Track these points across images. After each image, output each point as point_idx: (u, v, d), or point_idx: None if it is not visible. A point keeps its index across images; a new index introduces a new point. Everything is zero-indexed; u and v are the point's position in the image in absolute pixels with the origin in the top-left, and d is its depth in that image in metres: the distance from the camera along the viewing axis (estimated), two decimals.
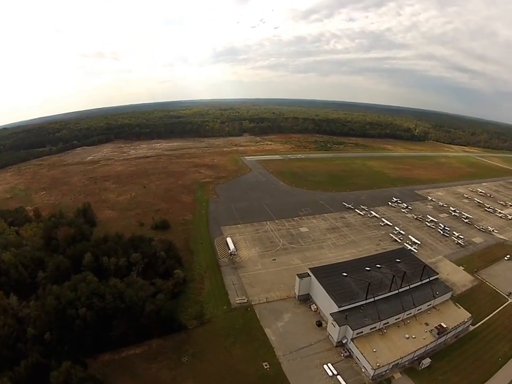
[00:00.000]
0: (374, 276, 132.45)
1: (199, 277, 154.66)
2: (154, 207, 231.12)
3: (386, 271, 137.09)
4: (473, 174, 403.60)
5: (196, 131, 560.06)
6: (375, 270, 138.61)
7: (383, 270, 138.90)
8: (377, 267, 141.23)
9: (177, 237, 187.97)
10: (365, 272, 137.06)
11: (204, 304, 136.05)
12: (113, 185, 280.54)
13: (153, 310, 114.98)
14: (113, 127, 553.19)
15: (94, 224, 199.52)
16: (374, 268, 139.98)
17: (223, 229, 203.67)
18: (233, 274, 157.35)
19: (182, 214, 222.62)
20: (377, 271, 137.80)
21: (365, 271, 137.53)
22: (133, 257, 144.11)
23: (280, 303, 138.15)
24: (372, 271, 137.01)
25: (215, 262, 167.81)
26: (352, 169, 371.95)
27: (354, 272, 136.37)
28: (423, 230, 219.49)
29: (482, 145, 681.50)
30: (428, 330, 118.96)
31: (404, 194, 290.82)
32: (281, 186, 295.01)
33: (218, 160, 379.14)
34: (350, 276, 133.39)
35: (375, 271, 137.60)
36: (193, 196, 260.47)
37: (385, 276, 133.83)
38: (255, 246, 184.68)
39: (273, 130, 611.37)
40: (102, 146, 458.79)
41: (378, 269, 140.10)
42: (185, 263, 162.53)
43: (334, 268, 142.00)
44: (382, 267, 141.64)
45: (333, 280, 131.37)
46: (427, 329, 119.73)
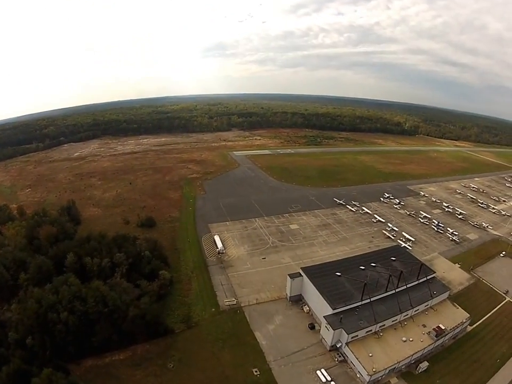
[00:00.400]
0: (369, 275, 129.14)
1: (186, 277, 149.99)
2: (140, 204, 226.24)
3: (381, 270, 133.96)
4: (465, 168, 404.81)
5: (183, 126, 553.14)
6: (370, 269, 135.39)
7: (378, 269, 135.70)
8: (372, 266, 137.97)
9: (163, 235, 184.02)
10: (359, 271, 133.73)
11: (191, 306, 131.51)
12: (99, 181, 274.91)
13: (137, 314, 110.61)
14: (100, 123, 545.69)
15: (79, 222, 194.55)
16: (369, 267, 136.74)
17: (210, 226, 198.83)
18: (222, 274, 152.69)
19: (169, 211, 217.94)
20: (372, 270, 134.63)
21: (360, 270, 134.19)
22: (116, 257, 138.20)
23: (270, 305, 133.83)
24: (366, 270, 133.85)
25: (202, 261, 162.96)
26: (343, 164, 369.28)
27: (348, 271, 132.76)
28: (417, 227, 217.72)
29: (473, 139, 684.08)
30: (426, 333, 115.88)
31: (396, 189, 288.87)
32: (270, 182, 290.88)
33: (206, 156, 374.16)
34: (344, 275, 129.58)
35: (370, 270, 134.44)
36: (181, 192, 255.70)
37: (380, 276, 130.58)
38: (244, 244, 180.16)
39: (262, 125, 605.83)
40: (89, 142, 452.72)
41: (373, 268, 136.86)
42: (172, 262, 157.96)
43: (327, 267, 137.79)
44: (377, 266, 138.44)
45: (326, 280, 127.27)
46: (425, 331, 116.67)
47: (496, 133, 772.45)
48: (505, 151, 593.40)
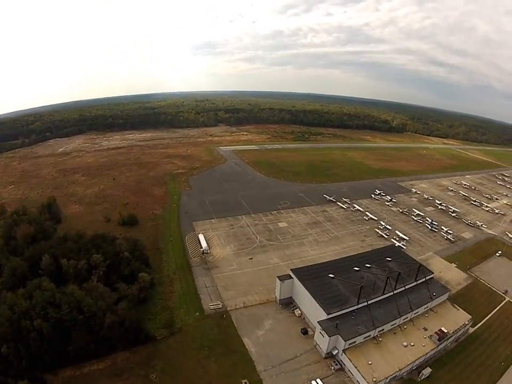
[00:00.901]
0: (364, 277, 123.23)
1: (168, 279, 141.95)
2: (123, 201, 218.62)
3: (377, 272, 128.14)
4: (455, 166, 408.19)
5: (170, 122, 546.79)
6: (364, 270, 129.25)
7: (373, 270, 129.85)
8: (366, 267, 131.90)
9: (145, 233, 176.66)
10: (353, 272, 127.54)
11: (174, 310, 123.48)
12: (83, 177, 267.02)
13: (115, 321, 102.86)
14: (87, 118, 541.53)
15: (59, 221, 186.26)
16: (364, 268, 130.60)
17: (195, 224, 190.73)
18: (206, 276, 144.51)
19: (152, 208, 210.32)
20: (367, 271, 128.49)
21: (354, 272, 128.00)
22: (93, 259, 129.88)
23: (259, 308, 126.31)
24: (361, 272, 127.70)
25: (185, 262, 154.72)
26: (332, 160, 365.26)
27: (341, 273, 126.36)
28: (410, 225, 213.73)
29: (461, 137, 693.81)
30: (427, 336, 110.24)
31: (387, 186, 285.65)
32: (257, 178, 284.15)
33: (192, 151, 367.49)
34: (338, 277, 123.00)
35: (365, 271, 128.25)
36: (165, 188, 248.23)
37: (377, 277, 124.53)
38: (230, 243, 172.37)
39: (249, 121, 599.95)
40: (75, 138, 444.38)
41: (368, 269, 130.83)
42: (153, 263, 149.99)
43: (319, 268, 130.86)
44: (372, 267, 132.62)
45: (318, 282, 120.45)
46: (426, 335, 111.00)
47: (483, 131, 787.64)
48: (493, 149, 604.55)
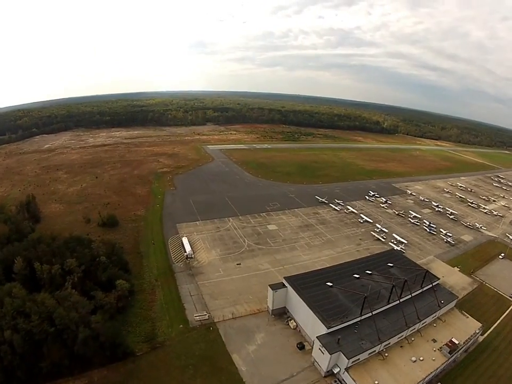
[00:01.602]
0: (365, 285, 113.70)
1: (150, 286, 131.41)
2: (104, 200, 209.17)
3: (380, 279, 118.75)
4: (450, 167, 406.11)
5: (157, 120, 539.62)
6: (365, 277, 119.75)
7: (375, 277, 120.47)
8: (367, 273, 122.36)
9: (125, 236, 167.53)
10: (353, 280, 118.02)
11: (155, 321, 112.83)
12: (65, 175, 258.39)
13: (89, 336, 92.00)
14: (74, 114, 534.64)
15: (38, 220, 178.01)
16: (364, 275, 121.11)
17: (179, 226, 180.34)
18: (191, 283, 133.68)
19: (134, 209, 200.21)
20: (368, 278, 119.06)
21: (354, 279, 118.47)
22: (67, 263, 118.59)
23: (250, 320, 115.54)
24: (362, 279, 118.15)
25: (168, 267, 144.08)
26: (323, 160, 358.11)
27: (340, 280, 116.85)
28: (407, 227, 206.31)
29: (454, 139, 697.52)
30: (437, 349, 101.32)
31: (381, 187, 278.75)
32: (246, 178, 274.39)
33: (179, 149, 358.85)
34: (337, 285, 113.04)
35: (366, 278, 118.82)
36: (149, 187, 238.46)
37: (379, 285, 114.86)
38: (216, 247, 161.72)
39: (238, 120, 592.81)
40: (61, 134, 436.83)
41: (369, 275, 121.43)
42: (133, 269, 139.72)
43: (315, 276, 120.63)
44: (373, 273, 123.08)
45: (316, 292, 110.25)
46: (435, 347, 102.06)
47: (476, 134, 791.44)
48: (487, 151, 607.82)
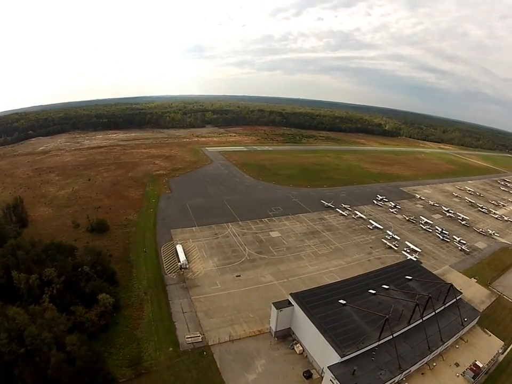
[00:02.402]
0: (382, 302, 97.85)
1: (138, 300, 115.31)
2: (95, 204, 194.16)
3: (399, 295, 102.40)
4: (455, 171, 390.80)
5: (155, 122, 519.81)
6: (382, 293, 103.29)
7: (393, 293, 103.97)
8: (384, 288, 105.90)
9: (115, 242, 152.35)
10: (369, 297, 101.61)
11: (141, 342, 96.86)
12: (57, 177, 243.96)
13: (63, 360, 76.40)
14: (71, 117, 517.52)
15: (25, 224, 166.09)
16: (381, 290, 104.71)
17: (173, 232, 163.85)
18: (184, 297, 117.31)
19: (126, 213, 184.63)
20: (386, 294, 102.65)
21: (370, 296, 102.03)
22: (45, 273, 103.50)
23: (249, 343, 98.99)
24: (378, 295, 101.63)
25: (159, 278, 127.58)
26: (326, 163, 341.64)
27: (354, 297, 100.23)
28: (419, 234, 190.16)
29: (456, 142, 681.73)
30: (460, 374, 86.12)
31: (388, 191, 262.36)
32: (246, 180, 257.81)
33: (176, 151, 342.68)
34: (351, 303, 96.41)
35: (383, 294, 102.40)
36: (143, 190, 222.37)
37: (397, 302, 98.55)
38: (213, 256, 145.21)
39: (238, 122, 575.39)
40: (57, 136, 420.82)
41: (386, 291, 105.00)
42: (121, 279, 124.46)
43: (325, 292, 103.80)
44: (390, 288, 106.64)
45: (327, 311, 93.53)
46: (459, 372, 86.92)
47: (477, 137, 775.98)
48: (490, 154, 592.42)
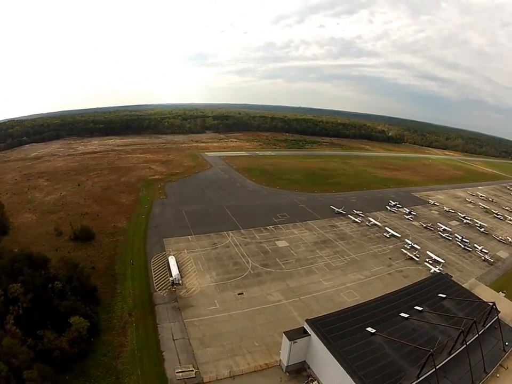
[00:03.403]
0: (417, 328, 78.22)
1: (121, 323, 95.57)
2: (82, 210, 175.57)
3: (433, 318, 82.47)
4: (463, 177, 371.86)
5: (154, 128, 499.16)
6: (415, 316, 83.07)
7: (427, 315, 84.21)
8: (417, 311, 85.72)
9: (100, 253, 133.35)
10: (401, 322, 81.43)
11: (122, 376, 77.61)
12: (46, 182, 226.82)
13: None
14: (67, 123, 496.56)
15: (5, 232, 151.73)
16: (414, 313, 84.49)
17: (166, 242, 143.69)
18: (175, 320, 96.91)
19: (115, 220, 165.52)
20: (419, 318, 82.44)
21: (401, 321, 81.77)
22: (11, 289, 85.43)
23: (254, 380, 78.60)
24: (411, 320, 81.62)
25: (147, 296, 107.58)
26: (332, 168, 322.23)
27: (384, 323, 79.95)
28: (439, 243, 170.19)
29: (461, 149, 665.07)
30: None
31: (401, 197, 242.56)
32: (248, 185, 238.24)
33: (174, 156, 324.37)
34: (381, 332, 76.10)
35: (417, 318, 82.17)
36: (135, 196, 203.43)
37: (433, 327, 78.70)
38: (211, 269, 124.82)
39: (239, 128, 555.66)
40: (51, 143, 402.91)
41: (419, 313, 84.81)
42: (103, 297, 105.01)
43: (349, 318, 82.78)
44: (424, 310, 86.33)
45: (353, 343, 73.01)
46: None
47: (480, 144, 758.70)
48: (494, 161, 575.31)
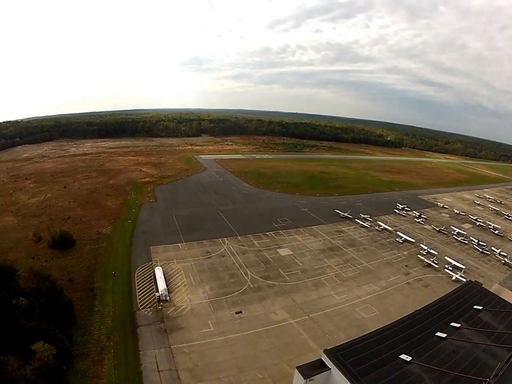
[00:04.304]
0: (458, 350, 62.74)
1: (97, 348, 78.99)
2: (65, 214, 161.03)
3: (473, 335, 67.51)
4: (467, 180, 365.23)
5: (148, 130, 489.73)
6: (453, 335, 67.78)
7: (466, 333, 68.77)
8: (454, 328, 70.31)
9: (79, 262, 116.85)
10: (438, 343, 65.52)
11: None
12: (33, 184, 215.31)
13: None
14: (61, 124, 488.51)
15: None
16: (452, 331, 69.02)
17: (153, 250, 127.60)
18: (161, 346, 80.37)
19: (99, 225, 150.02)
20: (458, 337, 67.16)
21: (438, 342, 66.01)
22: None
23: None
24: (449, 340, 66.08)
25: (129, 315, 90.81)
26: (333, 171, 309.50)
27: (419, 347, 63.90)
28: (455, 247, 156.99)
29: (460, 153, 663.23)
30: None
31: (408, 200, 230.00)
32: (245, 189, 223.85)
33: (166, 158, 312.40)
34: (416, 358, 60.21)
35: (455, 338, 66.87)
36: (123, 199, 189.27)
37: (475, 346, 63.58)
38: (204, 283, 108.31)
39: (235, 132, 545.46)
40: (45, 144, 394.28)
41: (456, 331, 69.47)
42: (79, 315, 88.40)
43: (376, 343, 64.97)
44: (461, 327, 70.92)
45: (386, 376, 56.19)
46: None
47: (480, 148, 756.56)
48: (495, 164, 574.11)
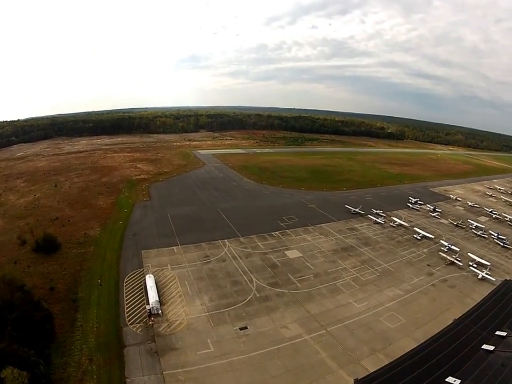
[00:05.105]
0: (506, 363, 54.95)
1: (78, 372, 65.63)
2: (53, 214, 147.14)
3: None
4: (474, 171, 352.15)
5: (145, 127, 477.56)
6: (500, 346, 59.51)
7: None
8: (499, 337, 61.97)
9: (63, 268, 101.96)
10: (487, 358, 57.27)
11: None
12: (24, 183, 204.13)
13: None
14: (56, 123, 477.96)
15: None
16: (497, 341, 60.60)
17: (145, 254, 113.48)
18: (151, 371, 65.98)
19: (87, 227, 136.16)
20: (506, 348, 59.08)
21: (486, 356, 57.61)
22: None
23: None
24: (497, 352, 57.57)
25: (115, 332, 77.00)
26: (338, 164, 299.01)
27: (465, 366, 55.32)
28: (475, 242, 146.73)
29: (463, 144, 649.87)
30: None
31: (419, 193, 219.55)
32: (246, 184, 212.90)
33: (163, 154, 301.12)
34: (465, 380, 51.49)
35: (504, 349, 58.68)
36: (115, 198, 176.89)
37: None
38: (203, 292, 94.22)
39: (234, 126, 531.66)
40: (40, 143, 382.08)
41: (503, 341, 61.33)
42: (59, 330, 75.34)
43: (415, 366, 56.97)
44: (508, 335, 62.23)
45: None
46: None
47: (481, 139, 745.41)
48: (499, 155, 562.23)
